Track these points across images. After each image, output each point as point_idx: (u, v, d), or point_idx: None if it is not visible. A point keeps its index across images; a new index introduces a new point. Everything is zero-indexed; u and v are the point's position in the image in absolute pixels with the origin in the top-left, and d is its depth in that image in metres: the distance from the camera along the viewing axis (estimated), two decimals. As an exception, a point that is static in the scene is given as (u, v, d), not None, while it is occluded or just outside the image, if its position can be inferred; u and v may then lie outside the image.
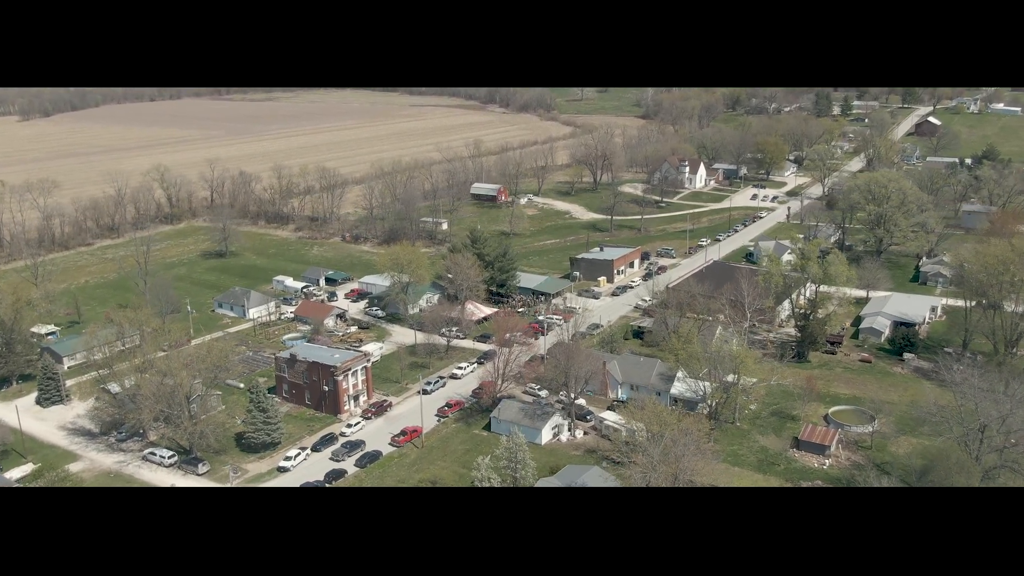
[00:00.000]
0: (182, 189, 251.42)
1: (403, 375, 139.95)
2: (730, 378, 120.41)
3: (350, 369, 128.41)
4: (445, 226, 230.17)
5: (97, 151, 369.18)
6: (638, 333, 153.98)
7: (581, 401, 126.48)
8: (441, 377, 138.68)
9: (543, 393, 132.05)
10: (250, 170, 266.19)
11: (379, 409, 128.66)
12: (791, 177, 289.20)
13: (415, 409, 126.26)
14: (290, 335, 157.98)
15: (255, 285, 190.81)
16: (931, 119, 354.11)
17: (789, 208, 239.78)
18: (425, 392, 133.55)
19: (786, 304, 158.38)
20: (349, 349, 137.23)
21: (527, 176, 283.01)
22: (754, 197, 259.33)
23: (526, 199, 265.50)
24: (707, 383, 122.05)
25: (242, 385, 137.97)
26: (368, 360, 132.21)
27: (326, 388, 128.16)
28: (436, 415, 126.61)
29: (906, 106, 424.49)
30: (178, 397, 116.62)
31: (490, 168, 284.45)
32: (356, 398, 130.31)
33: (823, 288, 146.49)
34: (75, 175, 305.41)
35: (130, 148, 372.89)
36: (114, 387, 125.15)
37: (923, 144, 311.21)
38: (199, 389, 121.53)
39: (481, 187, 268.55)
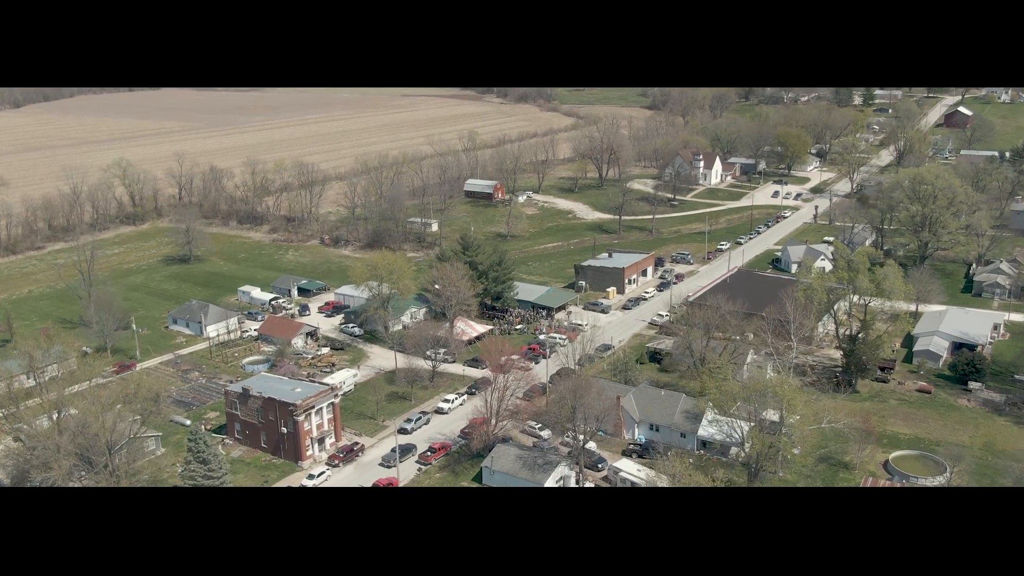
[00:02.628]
0: (146, 186, 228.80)
1: (379, 409, 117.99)
2: (770, 414, 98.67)
3: (313, 407, 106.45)
4: (435, 227, 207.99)
5: (65, 144, 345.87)
6: (655, 356, 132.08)
7: (591, 445, 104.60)
8: (424, 413, 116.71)
9: (545, 433, 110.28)
10: (224, 165, 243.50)
11: (349, 454, 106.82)
12: (814, 172, 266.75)
13: (396, 450, 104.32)
14: (251, 358, 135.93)
15: (218, 296, 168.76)
16: (961, 109, 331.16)
17: (817, 207, 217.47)
18: (404, 431, 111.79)
19: (825, 321, 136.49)
20: (313, 380, 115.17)
21: (526, 171, 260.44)
22: (776, 194, 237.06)
23: (525, 197, 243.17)
24: (743, 423, 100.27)
25: (188, 422, 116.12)
26: (336, 395, 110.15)
27: (285, 430, 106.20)
28: (417, 462, 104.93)
29: (931, 95, 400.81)
30: (98, 445, 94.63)
31: (486, 163, 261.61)
32: (321, 441, 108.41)
33: (871, 302, 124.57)
34: (36, 170, 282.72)
35: (100, 141, 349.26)
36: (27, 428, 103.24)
37: (955, 136, 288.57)
38: (131, 431, 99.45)
39: (476, 184, 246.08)
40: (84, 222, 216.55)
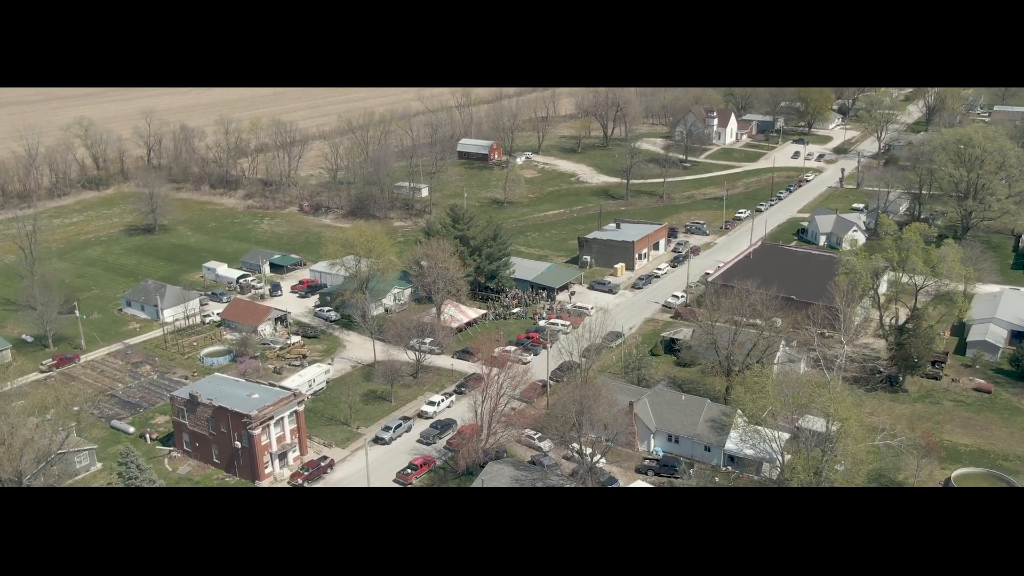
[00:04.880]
0: (110, 147, 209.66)
1: (353, 413, 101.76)
2: (811, 422, 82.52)
3: (272, 418, 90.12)
4: (425, 192, 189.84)
5: (33, 100, 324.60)
6: (671, 346, 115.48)
7: (600, 462, 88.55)
8: (406, 418, 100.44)
9: (546, 445, 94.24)
10: (196, 124, 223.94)
11: (315, 471, 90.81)
12: (837, 130, 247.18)
13: (365, 469, 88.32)
14: (210, 349, 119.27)
15: (181, 274, 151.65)
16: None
17: (843, 170, 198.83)
18: (381, 441, 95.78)
19: (868, 306, 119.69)
20: (274, 384, 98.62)
21: (525, 130, 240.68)
22: (796, 155, 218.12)
23: (523, 158, 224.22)
24: (778, 435, 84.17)
25: (132, 429, 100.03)
26: (299, 401, 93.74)
27: (239, 444, 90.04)
28: (396, 481, 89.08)
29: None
30: (7, 469, 78.54)
31: (481, 120, 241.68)
32: (283, 456, 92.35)
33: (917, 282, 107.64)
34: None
35: (69, 97, 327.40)
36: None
37: (985, 91, 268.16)
38: (53, 444, 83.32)
39: (470, 144, 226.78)
40: (42, 187, 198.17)
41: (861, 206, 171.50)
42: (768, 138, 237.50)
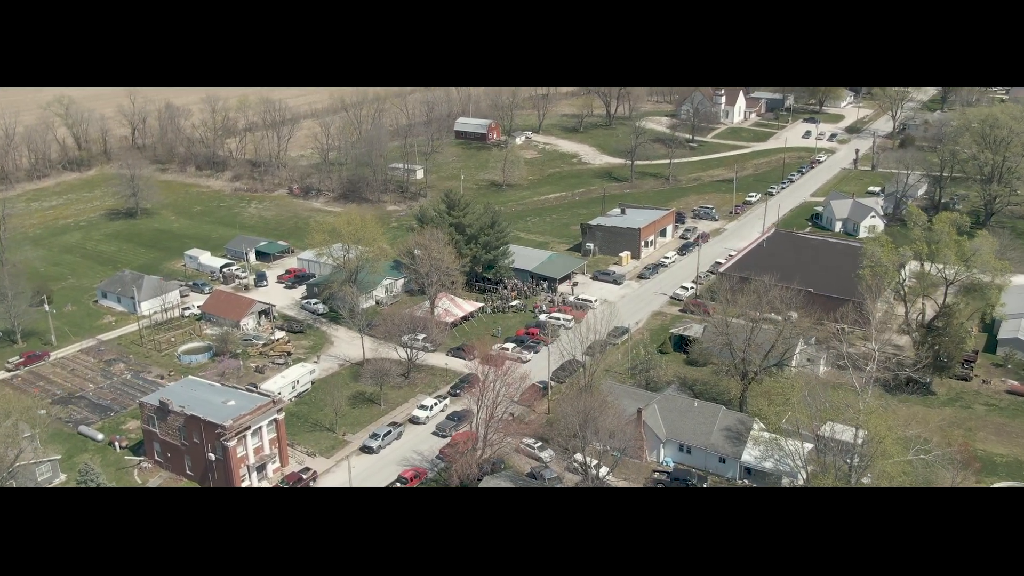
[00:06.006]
0: (93, 127, 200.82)
1: (339, 418, 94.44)
2: (836, 430, 75.38)
3: (249, 427, 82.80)
4: (420, 174, 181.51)
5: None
6: (680, 343, 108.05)
7: (607, 477, 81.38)
8: (395, 424, 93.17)
9: (547, 455, 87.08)
10: (182, 102, 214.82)
11: (297, 484, 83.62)
12: (850, 108, 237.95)
13: (355, 480, 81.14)
14: (188, 346, 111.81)
15: (162, 262, 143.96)
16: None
17: (857, 151, 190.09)
18: (369, 451, 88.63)
19: (892, 301, 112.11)
20: (252, 389, 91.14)
21: (525, 108, 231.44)
22: (807, 134, 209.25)
23: (523, 137, 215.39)
24: (800, 446, 76.86)
25: (100, 436, 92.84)
26: (279, 409, 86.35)
27: (213, 456, 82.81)
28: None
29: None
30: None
31: (479, 98, 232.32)
32: (261, 468, 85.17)
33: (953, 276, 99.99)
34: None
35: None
36: None
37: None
38: (5, 461, 76.17)
39: (467, 123, 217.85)
40: (20, 169, 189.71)
41: (877, 189, 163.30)
42: (778, 117, 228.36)
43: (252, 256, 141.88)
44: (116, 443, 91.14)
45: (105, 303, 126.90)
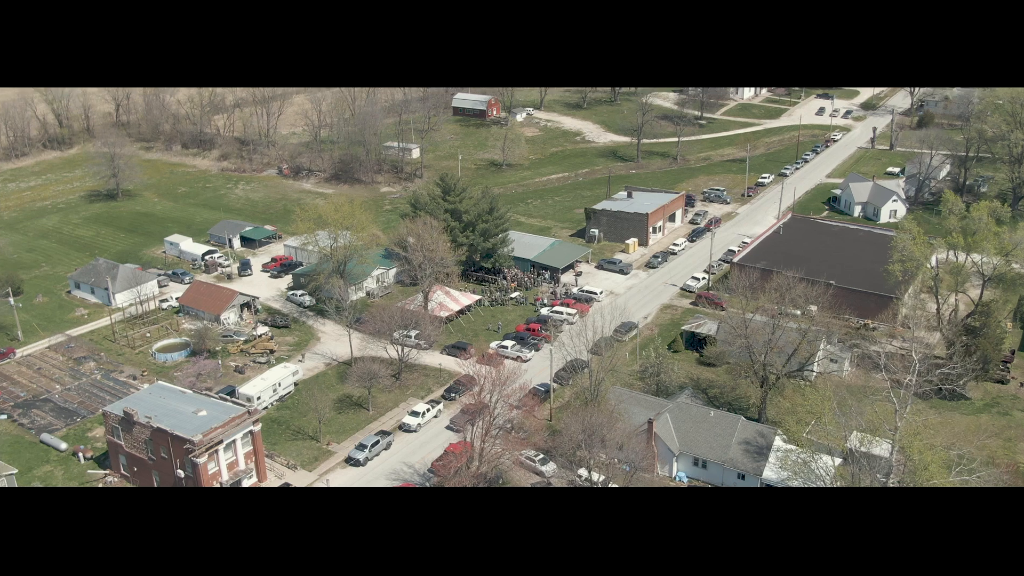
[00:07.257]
0: (74, 103, 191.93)
1: (324, 426, 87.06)
2: (870, 444, 68.05)
3: (221, 442, 75.41)
4: (416, 153, 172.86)
5: None
6: (693, 340, 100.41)
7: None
8: (384, 433, 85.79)
9: (549, 468, 79.82)
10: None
11: (275, 501, 76.21)
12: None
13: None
14: (163, 343, 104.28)
15: (143, 247, 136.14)
16: None
17: (874, 129, 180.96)
18: (355, 463, 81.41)
19: (923, 297, 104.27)
20: (226, 398, 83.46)
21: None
22: (821, 111, 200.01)
23: (524, 114, 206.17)
24: (828, 460, 69.49)
25: (64, 446, 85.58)
26: (254, 420, 78.87)
27: (182, 473, 75.53)
28: (370, 514, 74.45)
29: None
30: None
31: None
32: (237, 484, 77.84)
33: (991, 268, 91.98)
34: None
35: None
36: None
37: None
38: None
39: (466, 98, 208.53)
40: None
41: (897, 170, 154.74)
42: (790, 92, 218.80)
43: (236, 242, 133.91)
44: (80, 454, 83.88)
45: (78, 294, 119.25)
